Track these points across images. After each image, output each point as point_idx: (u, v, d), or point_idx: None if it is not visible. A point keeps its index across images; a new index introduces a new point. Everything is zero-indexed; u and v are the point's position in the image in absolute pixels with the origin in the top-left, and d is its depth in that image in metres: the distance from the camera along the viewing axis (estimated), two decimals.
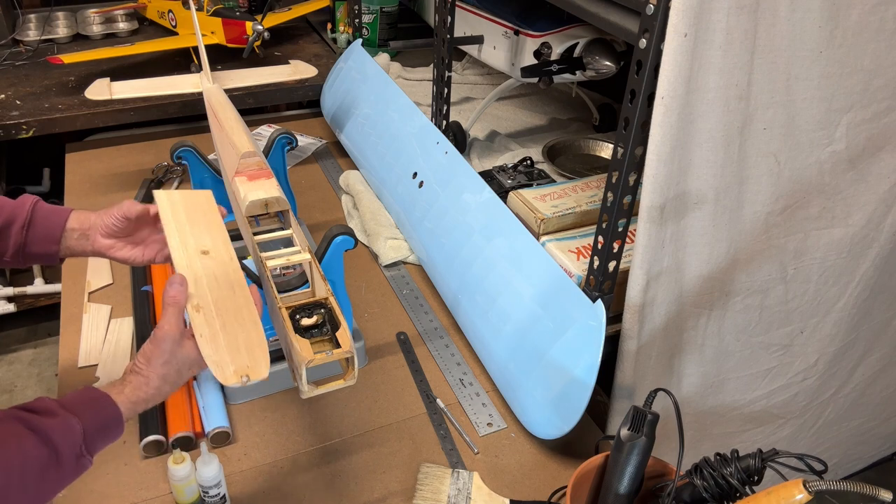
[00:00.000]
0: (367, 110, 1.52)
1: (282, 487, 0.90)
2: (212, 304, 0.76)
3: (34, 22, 1.97)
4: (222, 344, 0.72)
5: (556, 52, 1.26)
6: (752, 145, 0.88)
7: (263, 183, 0.97)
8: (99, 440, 0.69)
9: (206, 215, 0.90)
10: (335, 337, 0.75)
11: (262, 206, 0.94)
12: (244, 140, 1.06)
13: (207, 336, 0.72)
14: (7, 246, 0.87)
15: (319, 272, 0.83)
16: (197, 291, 0.77)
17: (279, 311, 0.77)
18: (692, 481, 0.74)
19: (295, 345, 0.72)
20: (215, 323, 0.74)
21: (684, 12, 0.72)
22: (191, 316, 0.74)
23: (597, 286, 0.98)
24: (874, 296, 1.19)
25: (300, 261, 0.86)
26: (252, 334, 0.73)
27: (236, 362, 0.70)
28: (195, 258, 0.82)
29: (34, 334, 2.27)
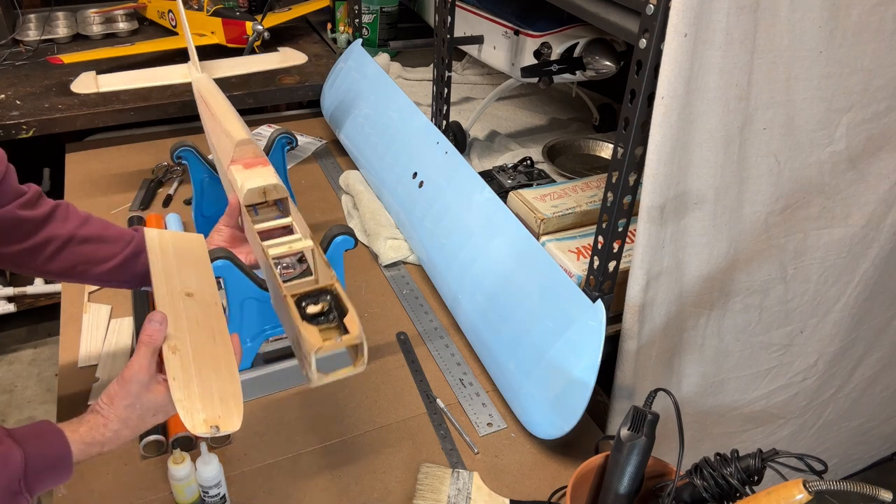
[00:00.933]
0: (367, 110, 1.52)
1: (282, 487, 0.90)
2: (190, 348, 0.73)
3: (34, 22, 1.97)
4: (195, 390, 0.68)
5: (556, 52, 1.26)
6: (752, 145, 0.88)
7: (260, 171, 0.96)
8: (42, 479, 0.64)
9: (196, 258, 0.88)
10: (343, 324, 0.73)
11: (261, 195, 0.93)
12: (238, 128, 1.04)
13: (181, 380, 0.69)
14: (135, 272, 0.91)
15: (323, 259, 0.81)
16: (176, 332, 0.73)
17: (284, 301, 0.74)
18: (692, 481, 0.74)
19: (303, 333, 0.69)
20: (191, 368, 0.70)
21: (684, 12, 0.72)
22: (166, 358, 0.70)
23: (597, 286, 0.98)
24: (874, 296, 1.19)
25: (302, 248, 0.84)
26: (228, 385, 0.71)
27: (208, 411, 0.67)
28: (178, 299, 0.79)
29: (34, 334, 2.27)
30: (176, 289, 0.80)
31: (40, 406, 2.07)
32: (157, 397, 0.69)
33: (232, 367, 0.72)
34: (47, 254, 0.86)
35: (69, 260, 0.88)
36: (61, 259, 0.87)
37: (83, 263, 0.89)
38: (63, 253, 0.87)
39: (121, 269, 0.90)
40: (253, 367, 1.01)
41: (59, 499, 0.86)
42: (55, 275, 0.89)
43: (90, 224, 0.90)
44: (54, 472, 0.65)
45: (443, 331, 1.16)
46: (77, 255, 0.88)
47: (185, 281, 0.82)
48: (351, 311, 0.73)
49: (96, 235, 0.89)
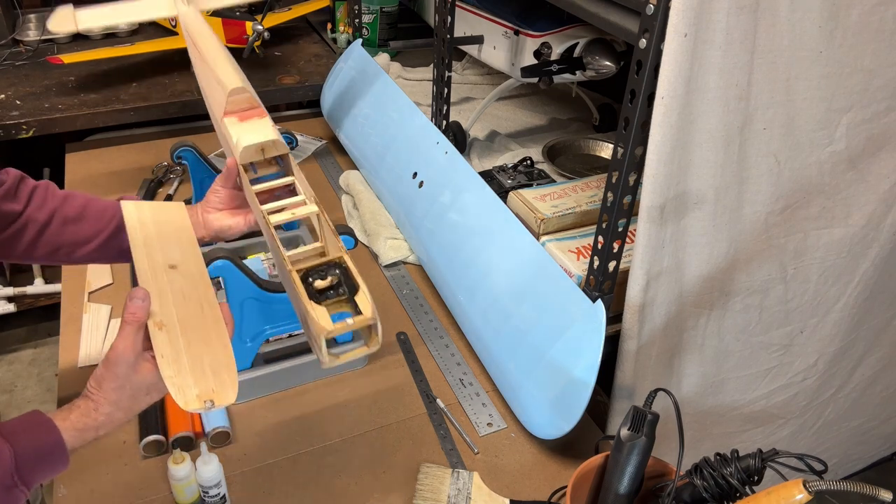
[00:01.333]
0: (366, 110, 1.52)
1: (282, 487, 0.90)
2: (177, 322, 0.69)
3: (34, 22, 1.96)
4: (186, 365, 0.65)
5: (556, 52, 1.26)
6: (752, 145, 0.88)
7: (256, 124, 0.86)
8: (37, 470, 0.62)
9: (178, 229, 0.83)
10: (354, 300, 0.68)
11: (258, 152, 0.85)
12: (230, 73, 0.93)
13: (170, 357, 0.66)
14: (122, 247, 0.86)
15: (330, 227, 0.75)
16: (161, 308, 0.70)
17: (290, 275, 0.69)
18: (692, 481, 0.74)
19: (311, 313, 0.65)
20: (179, 342, 0.67)
21: (684, 12, 0.72)
22: (152, 334, 0.67)
23: (597, 286, 0.98)
24: (874, 296, 1.19)
25: (307, 214, 0.77)
26: (220, 355, 0.67)
27: (200, 385, 0.64)
28: (161, 273, 0.75)
29: (34, 334, 2.27)
30: (158, 262, 0.76)
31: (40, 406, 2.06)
32: (146, 376, 0.66)
33: (223, 337, 0.69)
34: (27, 240, 0.84)
35: (51, 244, 0.85)
36: (43, 244, 0.85)
37: (67, 246, 0.86)
38: (44, 237, 0.84)
39: (105, 247, 0.88)
40: (253, 367, 1.01)
41: (59, 499, 0.86)
42: (39, 259, 0.87)
43: (70, 202, 0.86)
44: (49, 462, 0.63)
45: (443, 331, 1.16)
46: (59, 237, 0.85)
47: (167, 253, 0.78)
48: (362, 287, 0.68)
49: (76, 215, 0.86)
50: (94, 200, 0.88)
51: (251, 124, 0.86)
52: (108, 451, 0.92)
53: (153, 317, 0.68)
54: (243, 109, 0.88)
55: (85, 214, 0.86)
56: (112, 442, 0.93)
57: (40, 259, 0.87)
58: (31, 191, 0.85)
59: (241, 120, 0.87)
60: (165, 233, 0.81)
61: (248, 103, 0.89)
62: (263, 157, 0.85)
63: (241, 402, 1.01)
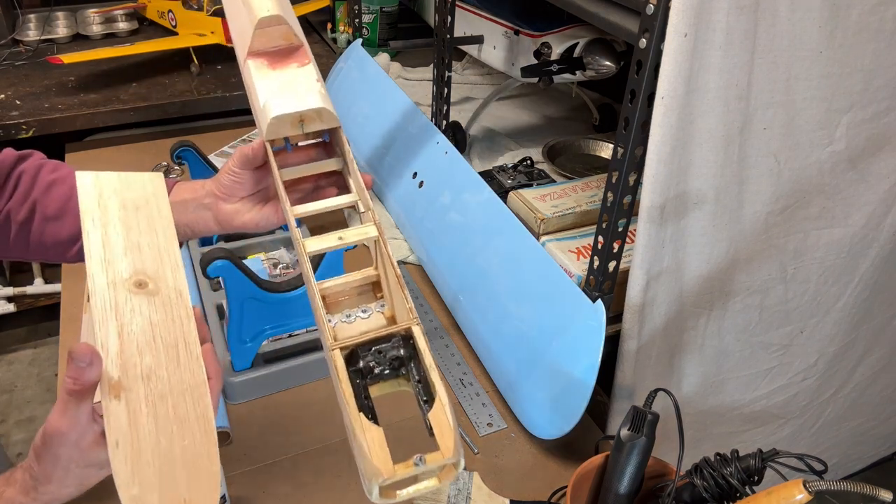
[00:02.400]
0: (366, 110, 1.52)
1: (282, 487, 0.90)
2: (141, 382, 0.49)
3: (34, 22, 1.96)
4: (149, 460, 0.46)
5: (556, 52, 1.26)
6: (752, 145, 0.88)
7: (296, 75, 0.60)
8: None
9: (152, 215, 0.59)
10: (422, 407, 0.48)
11: (296, 124, 0.59)
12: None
13: (127, 446, 0.46)
14: None
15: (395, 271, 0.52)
16: (120, 358, 0.49)
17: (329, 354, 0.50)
18: (692, 481, 0.74)
19: (359, 439, 0.45)
20: (142, 419, 0.47)
21: (684, 12, 0.72)
22: (105, 408, 0.48)
23: (597, 286, 0.98)
24: (874, 296, 1.19)
25: (360, 239, 0.55)
26: (198, 439, 0.48)
27: (167, 496, 0.46)
28: (124, 296, 0.53)
29: (34, 334, 2.28)
30: (121, 275, 0.54)
31: (40, 406, 2.07)
32: (98, 454, 0.51)
33: (204, 402, 0.49)
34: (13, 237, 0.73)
35: (38, 243, 0.73)
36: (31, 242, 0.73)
37: (53, 247, 0.73)
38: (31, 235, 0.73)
39: None
40: (253, 367, 1.01)
41: None
42: (36, 258, 0.77)
43: (52, 194, 0.72)
44: None
45: (443, 331, 1.16)
46: (41, 237, 0.73)
47: (135, 259, 0.55)
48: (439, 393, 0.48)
49: (56, 211, 0.72)
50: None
51: (287, 75, 0.60)
52: None
53: (107, 377, 0.49)
54: (278, 49, 0.62)
55: (66, 210, 0.72)
56: None
57: (36, 258, 0.78)
58: (17, 179, 0.74)
59: (272, 66, 0.61)
60: (135, 225, 0.58)
61: (285, 39, 0.62)
62: (302, 132, 0.60)
63: (241, 402, 1.01)
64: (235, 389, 1.00)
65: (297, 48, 0.63)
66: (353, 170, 0.61)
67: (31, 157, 0.76)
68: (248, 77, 0.63)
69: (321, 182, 0.67)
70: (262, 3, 0.61)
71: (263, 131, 0.59)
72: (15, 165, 0.75)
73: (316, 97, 0.60)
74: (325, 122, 0.60)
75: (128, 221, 0.58)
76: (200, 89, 1.71)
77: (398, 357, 0.51)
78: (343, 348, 0.48)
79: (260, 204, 0.71)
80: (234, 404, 1.00)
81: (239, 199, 0.70)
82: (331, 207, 0.59)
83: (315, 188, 0.67)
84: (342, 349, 0.48)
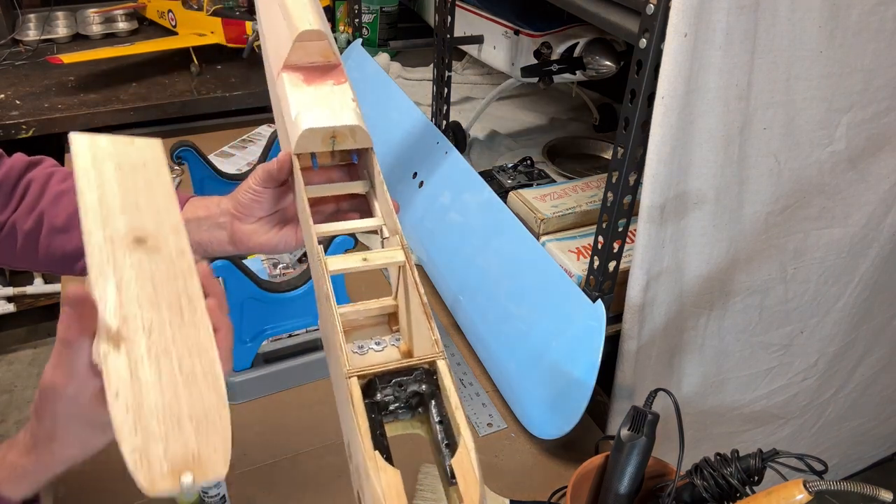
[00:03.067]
0: (366, 110, 1.51)
1: (282, 487, 0.90)
2: (142, 334, 0.46)
3: (34, 22, 1.96)
4: (152, 411, 0.43)
5: (556, 51, 1.26)
6: (752, 145, 0.88)
7: (331, 92, 0.59)
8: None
9: (151, 178, 0.57)
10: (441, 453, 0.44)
11: (327, 140, 0.57)
12: (303, 6, 0.62)
13: (128, 396, 0.43)
14: None
15: (422, 299, 0.49)
16: (120, 309, 0.47)
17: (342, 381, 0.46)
18: (692, 481, 0.74)
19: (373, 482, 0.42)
20: (144, 372, 0.45)
21: (684, 12, 0.72)
22: (104, 357, 0.45)
23: (597, 286, 0.98)
24: (874, 296, 1.19)
25: (386, 263, 0.53)
26: (206, 395, 0.45)
27: (172, 448, 0.43)
28: (122, 249, 0.50)
29: (34, 334, 2.27)
30: (119, 231, 0.51)
31: None
32: (98, 413, 0.46)
33: (211, 358, 0.47)
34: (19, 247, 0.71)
35: (46, 254, 0.71)
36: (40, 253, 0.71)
37: (59, 260, 0.71)
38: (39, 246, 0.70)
39: None
40: (253, 367, 1.01)
41: (59, 498, 0.86)
42: (43, 269, 0.75)
43: (61, 203, 0.70)
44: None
45: (443, 331, 1.16)
46: (48, 248, 0.70)
47: (133, 217, 0.53)
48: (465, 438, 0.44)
49: (64, 223, 0.70)
50: None
51: (323, 91, 0.59)
52: (108, 450, 0.92)
53: (104, 327, 0.46)
54: (315, 65, 0.60)
55: (75, 222, 0.68)
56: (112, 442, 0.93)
57: (44, 269, 0.76)
58: (26, 187, 0.72)
59: (307, 81, 0.60)
60: (132, 185, 0.55)
61: (322, 56, 0.61)
62: (333, 149, 0.58)
63: (241, 402, 1.01)
64: (235, 389, 1.00)
65: (334, 66, 0.62)
66: (381, 192, 0.59)
67: (41, 165, 0.74)
68: (280, 88, 0.60)
69: (342, 205, 0.65)
70: (305, 16, 0.60)
71: (293, 144, 0.57)
72: (24, 173, 0.73)
73: (351, 114, 0.59)
74: (357, 141, 0.59)
75: (125, 182, 0.55)
76: (200, 89, 1.71)
77: (418, 393, 0.47)
78: (361, 377, 0.45)
79: (278, 225, 0.69)
80: (234, 404, 1.00)
81: (257, 219, 0.68)
82: (355, 229, 0.58)
83: (336, 211, 0.65)
84: (360, 378, 0.45)
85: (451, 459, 0.43)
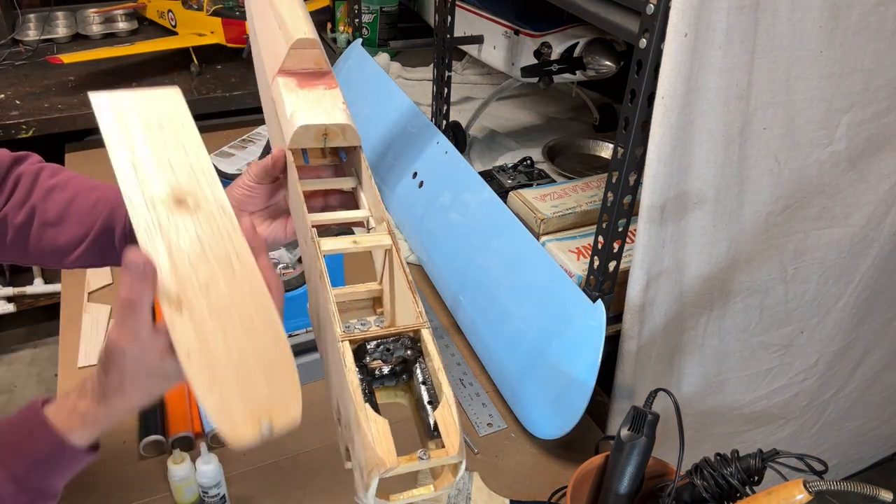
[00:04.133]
0: (366, 110, 1.52)
1: (282, 487, 0.90)
2: (201, 295, 0.48)
3: (34, 22, 1.96)
4: (224, 368, 0.46)
5: (556, 51, 1.26)
6: (752, 145, 0.88)
7: (322, 96, 0.63)
8: (48, 476, 0.56)
9: (176, 134, 0.58)
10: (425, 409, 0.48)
11: (319, 137, 0.61)
12: (298, 17, 0.67)
13: (199, 357, 0.46)
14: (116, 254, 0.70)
15: (408, 277, 0.53)
16: (176, 275, 0.49)
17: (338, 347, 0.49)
18: (692, 481, 0.74)
19: (363, 428, 0.44)
20: (209, 331, 0.47)
21: (684, 12, 0.72)
22: (169, 321, 0.48)
23: (597, 286, 0.98)
24: (874, 296, 1.19)
25: (374, 245, 0.57)
26: (270, 346, 0.48)
27: (250, 399, 0.46)
28: (165, 215, 0.52)
29: (34, 334, 2.27)
30: (159, 195, 0.53)
31: None
32: (163, 366, 0.50)
33: (269, 309, 0.49)
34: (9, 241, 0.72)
35: (36, 248, 0.72)
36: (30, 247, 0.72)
37: (49, 254, 0.72)
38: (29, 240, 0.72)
39: (93, 255, 0.72)
40: None
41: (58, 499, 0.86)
42: (33, 262, 0.77)
43: (53, 198, 0.71)
44: (58, 467, 0.56)
45: (443, 331, 1.16)
46: (39, 242, 0.72)
47: (169, 178, 0.54)
48: (446, 394, 0.47)
49: (55, 217, 0.71)
50: (83, 194, 0.72)
51: (315, 95, 0.62)
52: (108, 451, 0.92)
53: (164, 291, 0.48)
54: (307, 72, 0.65)
55: (66, 216, 0.71)
56: (112, 442, 0.93)
57: (34, 262, 0.77)
58: (15, 181, 0.72)
59: (301, 85, 0.64)
60: (161, 143, 0.56)
61: (315, 63, 0.65)
62: (324, 146, 0.62)
63: None
64: None
65: (325, 73, 0.66)
66: (368, 185, 0.63)
67: (27, 160, 0.76)
68: (275, 91, 0.64)
69: (330, 201, 0.68)
70: (300, 25, 0.65)
71: (288, 139, 0.61)
72: (11, 167, 0.74)
73: (342, 114, 0.62)
74: (347, 139, 0.63)
75: (153, 141, 0.57)
76: (200, 89, 1.71)
77: (403, 359, 0.51)
78: (352, 341, 0.48)
79: (269, 220, 0.72)
80: None
81: (248, 214, 0.70)
82: (345, 219, 0.62)
83: (324, 207, 0.68)
84: (351, 342, 0.48)
85: (434, 413, 0.48)
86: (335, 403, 0.53)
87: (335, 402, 0.53)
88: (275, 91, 0.63)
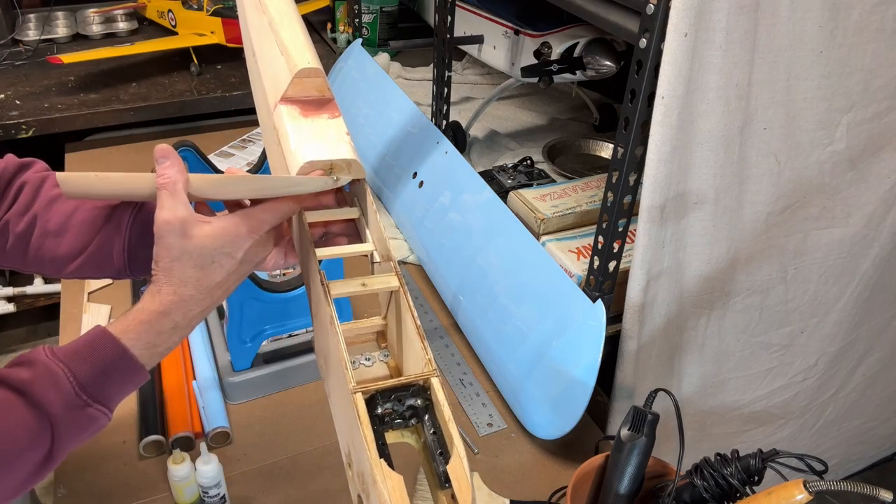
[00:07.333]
0: (366, 110, 1.52)
1: (282, 487, 0.90)
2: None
3: (34, 22, 1.96)
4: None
5: (556, 51, 1.26)
6: (752, 145, 0.88)
7: (327, 126, 0.62)
8: (106, 384, 0.56)
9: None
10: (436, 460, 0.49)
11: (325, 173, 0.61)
12: (301, 43, 0.66)
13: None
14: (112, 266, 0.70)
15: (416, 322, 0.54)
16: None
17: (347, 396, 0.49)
18: (692, 481, 0.74)
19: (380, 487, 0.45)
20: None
21: (684, 12, 0.72)
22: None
23: (597, 286, 0.98)
24: (874, 296, 1.19)
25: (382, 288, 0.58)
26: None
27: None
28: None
29: (34, 334, 2.27)
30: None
31: None
32: (204, 241, 0.56)
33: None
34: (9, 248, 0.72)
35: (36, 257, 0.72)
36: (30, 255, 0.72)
37: (49, 263, 0.72)
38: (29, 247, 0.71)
39: (92, 266, 0.72)
40: (253, 367, 1.01)
41: (59, 499, 0.86)
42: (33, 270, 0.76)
43: (55, 208, 0.71)
44: (117, 375, 0.56)
45: (443, 331, 1.16)
46: (39, 251, 0.71)
47: None
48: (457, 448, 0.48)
49: (57, 227, 0.71)
50: (85, 206, 0.71)
51: (318, 125, 0.62)
52: (108, 451, 0.92)
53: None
54: (311, 100, 0.64)
55: (68, 226, 0.71)
56: (112, 442, 0.93)
57: (33, 270, 0.76)
58: (19, 188, 0.72)
59: (304, 114, 0.63)
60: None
61: (318, 91, 0.64)
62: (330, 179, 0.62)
63: (241, 402, 1.01)
64: (235, 389, 1.00)
65: (328, 101, 0.65)
66: (373, 220, 0.63)
67: (33, 167, 0.75)
68: (278, 120, 0.64)
69: (332, 229, 0.68)
70: (303, 54, 0.65)
71: (293, 174, 0.61)
72: (16, 174, 0.73)
73: (347, 148, 0.62)
74: (353, 172, 0.62)
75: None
76: (200, 89, 1.71)
77: (413, 407, 0.52)
78: (364, 392, 0.49)
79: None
80: (234, 404, 1.00)
81: None
82: (350, 253, 0.62)
83: (325, 234, 0.68)
84: (363, 393, 0.49)
85: (445, 466, 0.49)
86: (346, 448, 0.53)
87: (346, 446, 0.53)
88: (277, 120, 0.63)
